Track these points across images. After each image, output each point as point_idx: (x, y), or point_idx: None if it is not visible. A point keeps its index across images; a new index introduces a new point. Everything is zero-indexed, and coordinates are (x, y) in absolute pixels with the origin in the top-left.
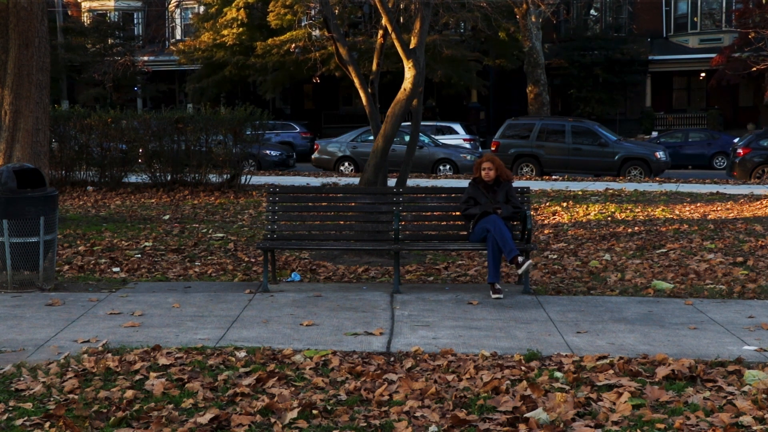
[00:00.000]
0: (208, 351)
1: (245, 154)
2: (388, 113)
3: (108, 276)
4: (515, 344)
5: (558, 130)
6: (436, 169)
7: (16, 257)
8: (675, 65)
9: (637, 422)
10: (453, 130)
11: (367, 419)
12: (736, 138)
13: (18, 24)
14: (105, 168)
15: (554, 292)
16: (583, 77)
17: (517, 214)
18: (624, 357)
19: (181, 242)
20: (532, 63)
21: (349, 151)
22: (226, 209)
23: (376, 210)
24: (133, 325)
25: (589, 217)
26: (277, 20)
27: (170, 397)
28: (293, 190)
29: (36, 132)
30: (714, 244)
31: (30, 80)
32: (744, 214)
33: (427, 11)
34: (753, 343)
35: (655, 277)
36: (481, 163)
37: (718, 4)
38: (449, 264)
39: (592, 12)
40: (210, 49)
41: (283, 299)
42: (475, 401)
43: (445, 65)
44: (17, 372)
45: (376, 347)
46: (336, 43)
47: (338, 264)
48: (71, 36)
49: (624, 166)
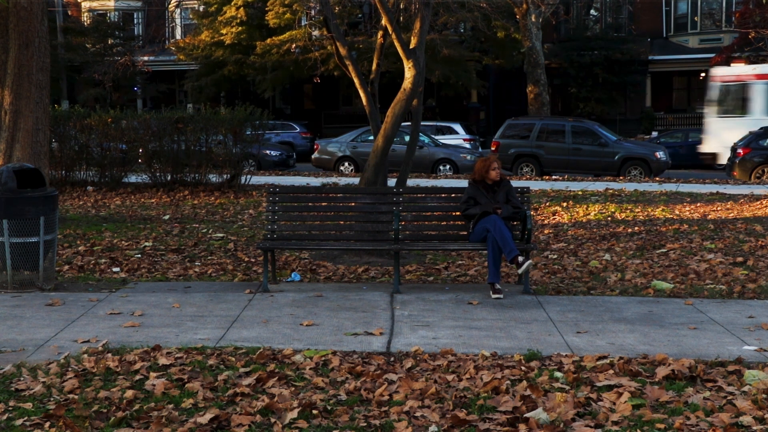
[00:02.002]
0: (208, 351)
1: (245, 154)
2: (388, 113)
3: (108, 276)
4: (515, 344)
5: (558, 130)
6: (436, 169)
7: (16, 257)
8: (675, 65)
9: (637, 422)
10: (453, 130)
11: (367, 419)
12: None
13: (18, 24)
14: (105, 168)
15: (554, 292)
16: (583, 77)
17: (517, 214)
18: (624, 357)
19: (181, 242)
20: (532, 63)
21: (349, 151)
22: (226, 209)
23: (376, 210)
24: (133, 325)
25: (589, 217)
26: (276, 19)
27: (170, 397)
28: (293, 190)
29: (36, 132)
30: (714, 244)
31: (30, 80)
32: (744, 214)
33: (427, 11)
34: (753, 343)
35: (655, 277)
36: (490, 163)
37: (718, 4)
38: (449, 264)
39: (592, 12)
40: (209, 47)
41: (283, 299)
42: (475, 401)
43: (444, 65)
44: (17, 372)
45: (376, 347)
46: (336, 43)
47: (338, 264)
48: (71, 36)
49: (624, 166)
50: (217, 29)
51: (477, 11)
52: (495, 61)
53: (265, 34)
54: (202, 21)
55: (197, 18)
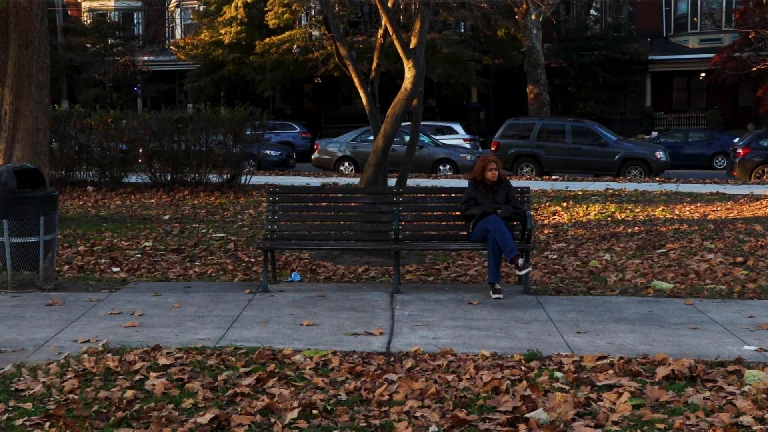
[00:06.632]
0: (208, 351)
1: (245, 154)
2: (388, 113)
3: (108, 276)
4: (515, 344)
5: (558, 130)
6: (436, 169)
7: (16, 257)
8: (675, 65)
9: (637, 422)
10: (453, 130)
11: (367, 419)
12: (736, 138)
13: (18, 24)
14: (105, 168)
15: (554, 292)
16: (583, 77)
17: (517, 214)
18: (624, 357)
19: (181, 242)
20: (532, 63)
21: (349, 151)
22: (226, 209)
23: (376, 210)
24: (133, 325)
25: (589, 217)
26: (275, 19)
27: (170, 397)
28: (293, 190)
29: (36, 132)
30: (714, 244)
31: (30, 80)
32: (744, 214)
33: (428, 11)
34: (753, 343)
35: (655, 277)
36: (487, 163)
37: (718, 4)
38: (449, 264)
39: (592, 12)
40: (209, 47)
41: (283, 299)
42: (475, 401)
43: (444, 64)
44: (17, 372)
45: (376, 347)
46: (336, 43)
47: (338, 264)
48: (71, 36)
49: (624, 166)
50: (216, 29)
51: (477, 10)
52: (495, 60)
53: (265, 34)
54: (201, 21)
55: (197, 18)
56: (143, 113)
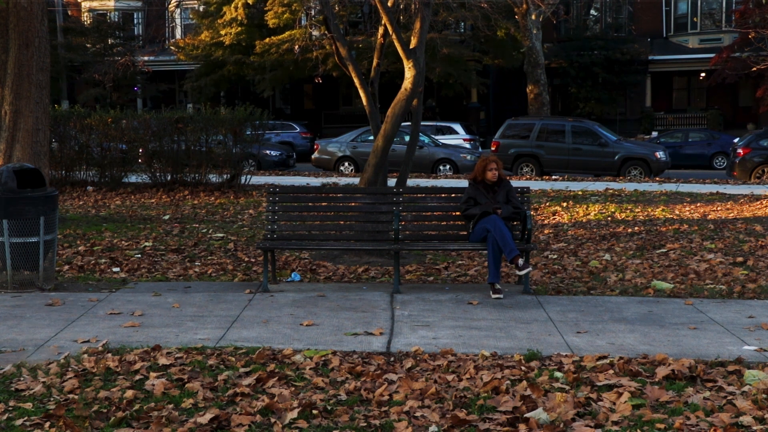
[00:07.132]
0: (208, 351)
1: (245, 154)
2: (388, 113)
3: (108, 276)
4: (515, 344)
5: (558, 130)
6: (436, 169)
7: (16, 257)
8: (675, 65)
9: (637, 422)
10: (453, 130)
11: (367, 419)
12: (736, 138)
13: (18, 24)
14: (105, 168)
15: (554, 292)
16: (583, 77)
17: (517, 214)
18: (624, 357)
19: (181, 242)
20: (532, 63)
21: (349, 151)
22: (226, 209)
23: (376, 210)
24: (133, 325)
25: (589, 217)
26: (275, 19)
27: (170, 397)
28: (293, 190)
29: (36, 132)
30: (714, 244)
31: (30, 80)
32: (744, 214)
33: (428, 11)
34: (753, 343)
35: (655, 277)
36: (487, 163)
37: (718, 4)
38: (449, 264)
39: (592, 12)
40: (209, 47)
41: (283, 299)
42: (475, 401)
43: (444, 64)
44: (17, 372)
45: (376, 347)
46: (336, 43)
47: (338, 264)
48: (71, 36)
49: (624, 166)
50: (217, 30)
51: (477, 10)
52: (495, 60)
53: (265, 34)
54: (202, 21)
55: (197, 18)
56: (143, 113)
